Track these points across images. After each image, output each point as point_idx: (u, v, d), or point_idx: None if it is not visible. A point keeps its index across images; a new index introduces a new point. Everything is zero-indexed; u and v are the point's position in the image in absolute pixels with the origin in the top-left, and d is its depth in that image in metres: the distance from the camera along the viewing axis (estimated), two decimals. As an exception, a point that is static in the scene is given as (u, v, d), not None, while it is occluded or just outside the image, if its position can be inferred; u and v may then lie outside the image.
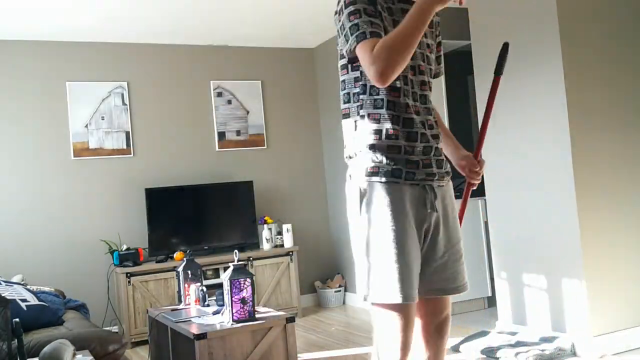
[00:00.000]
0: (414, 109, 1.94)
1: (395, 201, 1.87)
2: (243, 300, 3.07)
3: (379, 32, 1.87)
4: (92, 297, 4.93)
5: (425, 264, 1.97)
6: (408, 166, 1.90)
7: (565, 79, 3.58)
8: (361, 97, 1.93)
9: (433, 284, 2.05)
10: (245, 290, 3.07)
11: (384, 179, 1.87)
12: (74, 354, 2.24)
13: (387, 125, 1.89)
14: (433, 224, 1.96)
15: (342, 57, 1.98)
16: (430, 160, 1.97)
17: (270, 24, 5.20)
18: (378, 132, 1.89)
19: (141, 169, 5.34)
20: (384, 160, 1.88)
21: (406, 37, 1.83)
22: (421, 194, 1.94)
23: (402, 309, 1.88)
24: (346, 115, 1.98)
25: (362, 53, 1.82)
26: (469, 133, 6.24)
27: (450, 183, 2.13)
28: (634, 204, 3.73)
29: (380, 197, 1.87)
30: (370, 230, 1.91)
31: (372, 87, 1.91)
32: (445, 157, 2.15)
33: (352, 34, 1.86)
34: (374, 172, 1.88)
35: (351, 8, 1.88)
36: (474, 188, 2.49)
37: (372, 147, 1.89)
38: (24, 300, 3.25)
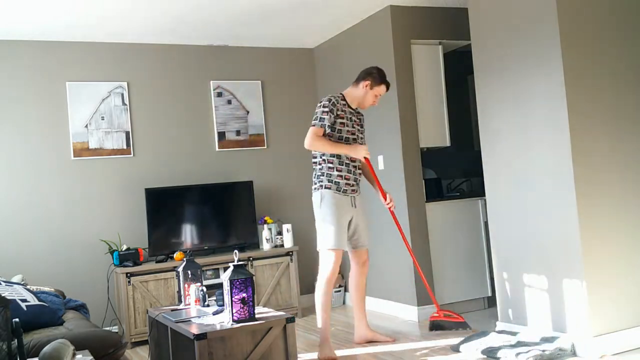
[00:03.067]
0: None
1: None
2: (243, 300, 3.07)
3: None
4: (92, 297, 4.93)
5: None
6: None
7: (565, 79, 3.58)
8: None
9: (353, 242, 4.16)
10: (245, 291, 3.07)
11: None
12: (74, 354, 2.24)
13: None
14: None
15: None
16: (355, 184, 4.13)
17: (270, 24, 5.21)
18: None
19: (141, 169, 5.34)
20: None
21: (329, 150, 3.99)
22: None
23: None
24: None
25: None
26: (469, 133, 6.24)
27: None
28: (634, 203, 3.73)
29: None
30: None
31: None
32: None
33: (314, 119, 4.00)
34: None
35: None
36: (394, 209, 4.28)
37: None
38: (24, 300, 3.24)
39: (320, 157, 4.01)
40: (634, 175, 3.74)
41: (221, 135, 5.66)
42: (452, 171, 6.09)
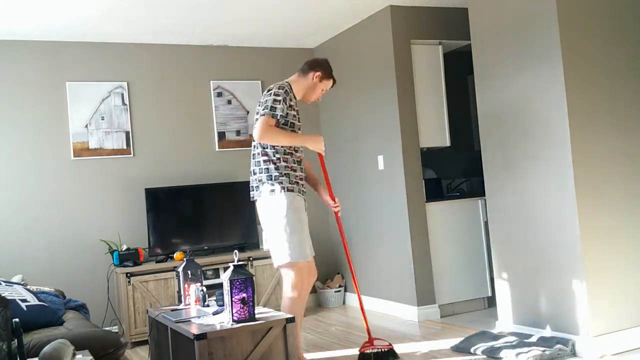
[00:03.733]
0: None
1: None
2: (243, 301, 3.07)
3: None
4: (92, 297, 4.93)
5: None
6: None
7: (565, 79, 3.58)
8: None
9: None
10: (245, 291, 3.07)
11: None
12: (74, 354, 2.24)
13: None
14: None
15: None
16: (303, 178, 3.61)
17: (270, 24, 5.21)
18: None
19: (141, 169, 5.34)
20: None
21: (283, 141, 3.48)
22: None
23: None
24: None
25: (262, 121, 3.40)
26: (469, 132, 6.24)
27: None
28: (634, 204, 3.73)
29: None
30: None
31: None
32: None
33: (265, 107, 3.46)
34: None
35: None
36: (339, 213, 3.87)
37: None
38: (24, 300, 3.24)
39: (274, 155, 3.45)
40: (634, 175, 3.74)
41: (221, 135, 5.66)
42: (452, 171, 6.09)
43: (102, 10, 4.48)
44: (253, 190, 3.55)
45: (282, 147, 3.46)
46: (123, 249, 4.99)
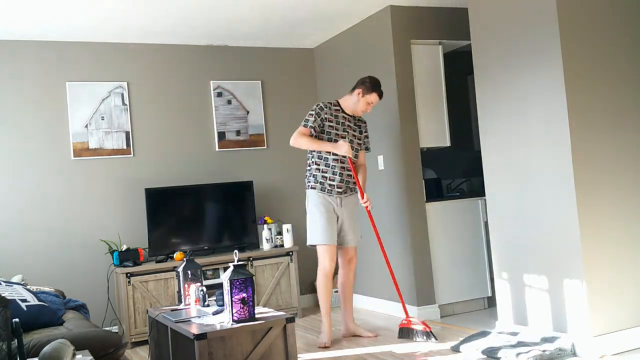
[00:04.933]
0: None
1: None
2: (243, 301, 3.07)
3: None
4: (92, 297, 4.93)
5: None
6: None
7: (565, 79, 3.58)
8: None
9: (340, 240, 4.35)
10: (245, 291, 3.07)
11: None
12: (74, 354, 2.24)
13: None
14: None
15: None
16: (342, 184, 4.32)
17: (270, 24, 5.21)
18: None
19: (141, 169, 5.34)
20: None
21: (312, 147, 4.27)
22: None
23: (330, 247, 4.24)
24: None
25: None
26: (469, 133, 6.24)
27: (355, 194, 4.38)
28: (634, 204, 3.73)
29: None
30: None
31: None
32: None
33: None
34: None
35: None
36: (371, 210, 4.46)
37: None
38: (24, 300, 3.24)
39: (311, 159, 4.31)
40: (634, 176, 3.74)
41: (221, 135, 5.66)
42: (452, 171, 6.09)
43: (102, 10, 4.48)
44: None
45: (316, 152, 4.27)
46: (123, 249, 4.99)
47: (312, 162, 4.29)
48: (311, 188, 4.27)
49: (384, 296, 5.22)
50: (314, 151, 4.27)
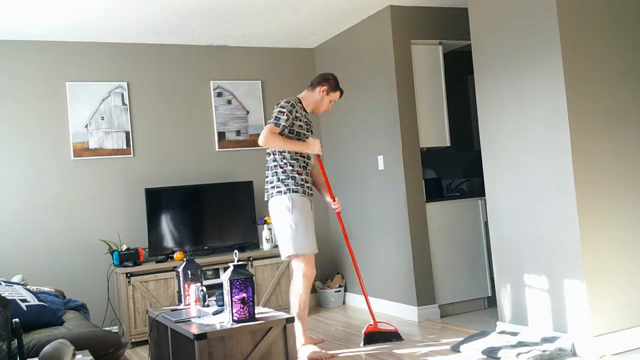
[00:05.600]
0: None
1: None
2: (243, 300, 3.07)
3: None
4: (92, 297, 4.93)
5: None
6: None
7: (565, 79, 3.58)
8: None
9: None
10: (245, 291, 3.07)
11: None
12: (74, 354, 2.24)
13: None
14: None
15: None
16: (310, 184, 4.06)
17: (270, 24, 5.21)
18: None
19: (141, 169, 5.34)
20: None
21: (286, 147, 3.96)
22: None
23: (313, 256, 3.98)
24: None
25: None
26: (469, 133, 6.24)
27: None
28: (634, 204, 3.73)
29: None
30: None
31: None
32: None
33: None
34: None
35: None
36: (340, 212, 4.33)
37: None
38: (24, 301, 3.24)
39: (281, 160, 3.97)
40: (634, 176, 3.74)
41: (221, 135, 5.66)
42: (452, 171, 6.09)
43: (102, 10, 4.48)
44: (266, 191, 4.02)
45: (288, 153, 3.95)
46: (123, 249, 4.99)
47: (286, 163, 3.95)
48: (293, 192, 3.90)
49: (383, 296, 5.22)
50: (285, 151, 3.96)
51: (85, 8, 4.41)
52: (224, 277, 3.11)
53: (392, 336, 4.23)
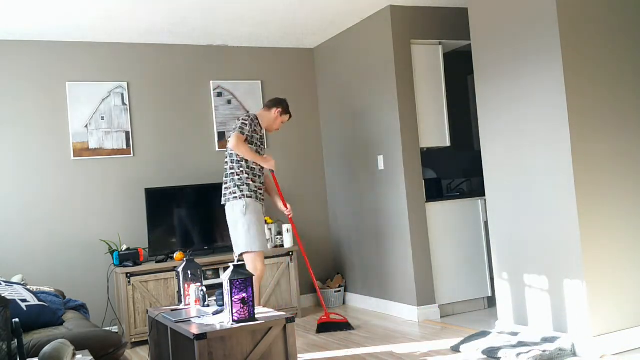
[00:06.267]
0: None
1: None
2: (243, 300, 3.07)
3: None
4: (92, 297, 4.93)
5: None
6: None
7: (565, 79, 3.58)
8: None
9: None
10: (245, 291, 3.07)
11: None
12: (74, 354, 2.24)
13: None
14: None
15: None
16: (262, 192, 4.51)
17: (270, 24, 5.20)
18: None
19: (141, 169, 5.34)
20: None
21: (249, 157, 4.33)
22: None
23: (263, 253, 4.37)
24: None
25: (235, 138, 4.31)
26: (469, 133, 6.24)
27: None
28: (634, 204, 3.73)
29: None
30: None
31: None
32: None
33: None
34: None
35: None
36: (292, 217, 4.85)
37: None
38: (23, 301, 3.24)
39: (238, 168, 4.36)
40: (634, 176, 3.75)
41: (221, 135, 5.66)
42: (452, 171, 6.09)
43: (102, 10, 4.48)
44: (224, 196, 4.41)
45: (245, 162, 4.36)
46: (123, 249, 4.99)
47: (242, 171, 4.36)
48: (247, 197, 4.31)
49: (383, 296, 5.22)
50: (243, 160, 4.35)
51: (85, 8, 4.41)
52: (224, 277, 3.11)
53: (344, 326, 4.69)
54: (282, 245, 5.45)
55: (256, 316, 3.15)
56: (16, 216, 4.91)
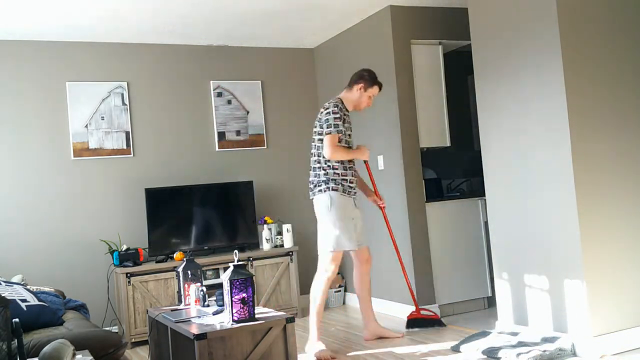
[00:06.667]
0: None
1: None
2: (243, 300, 3.07)
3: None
4: (92, 297, 4.93)
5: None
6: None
7: (565, 79, 3.58)
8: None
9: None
10: (245, 291, 3.07)
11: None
12: (74, 354, 2.24)
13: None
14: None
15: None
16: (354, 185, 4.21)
17: (270, 24, 5.20)
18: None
19: (141, 169, 5.34)
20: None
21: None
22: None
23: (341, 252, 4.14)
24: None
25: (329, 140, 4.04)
26: (469, 133, 6.24)
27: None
28: (634, 204, 3.73)
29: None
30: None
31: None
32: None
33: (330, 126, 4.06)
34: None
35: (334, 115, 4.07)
36: (385, 208, 4.54)
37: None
38: (23, 301, 3.24)
39: (325, 163, 4.09)
40: (634, 176, 3.74)
41: (221, 135, 5.66)
42: (452, 171, 6.09)
43: (102, 10, 4.48)
44: (310, 190, 4.19)
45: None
46: (123, 249, 4.99)
47: (329, 165, 4.08)
48: (333, 190, 4.04)
49: (384, 296, 5.22)
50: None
51: (85, 8, 4.41)
52: (224, 277, 3.11)
53: (435, 322, 4.53)
54: (282, 245, 5.45)
55: (256, 316, 3.15)
56: (16, 216, 4.90)
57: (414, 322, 4.53)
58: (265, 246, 5.40)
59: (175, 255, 5.02)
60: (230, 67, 5.77)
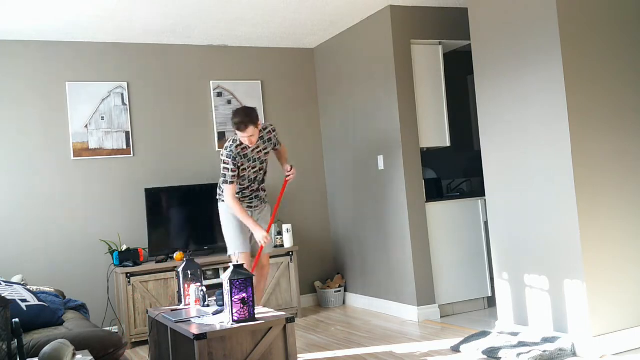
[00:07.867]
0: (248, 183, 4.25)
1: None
2: (243, 301, 3.07)
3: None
4: (92, 297, 4.93)
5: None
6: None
7: (565, 80, 3.58)
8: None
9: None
10: (245, 291, 3.07)
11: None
12: (74, 354, 2.24)
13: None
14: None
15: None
16: (252, 200, 4.32)
17: (270, 24, 5.20)
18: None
19: (141, 169, 5.34)
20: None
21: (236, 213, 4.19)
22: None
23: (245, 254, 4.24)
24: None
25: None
26: (469, 133, 6.24)
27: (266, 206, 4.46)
28: (634, 204, 3.73)
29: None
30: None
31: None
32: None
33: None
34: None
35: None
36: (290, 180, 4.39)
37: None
38: (23, 301, 3.24)
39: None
40: (634, 176, 3.74)
41: (221, 135, 5.66)
42: (452, 171, 6.09)
43: (102, 10, 4.48)
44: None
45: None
46: (123, 249, 4.99)
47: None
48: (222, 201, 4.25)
49: (383, 296, 5.22)
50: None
51: (85, 8, 4.41)
52: (224, 277, 3.11)
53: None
54: (282, 245, 5.44)
55: (256, 316, 3.15)
56: (16, 216, 4.90)
57: None
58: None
59: (175, 255, 5.02)
60: (230, 67, 5.77)
